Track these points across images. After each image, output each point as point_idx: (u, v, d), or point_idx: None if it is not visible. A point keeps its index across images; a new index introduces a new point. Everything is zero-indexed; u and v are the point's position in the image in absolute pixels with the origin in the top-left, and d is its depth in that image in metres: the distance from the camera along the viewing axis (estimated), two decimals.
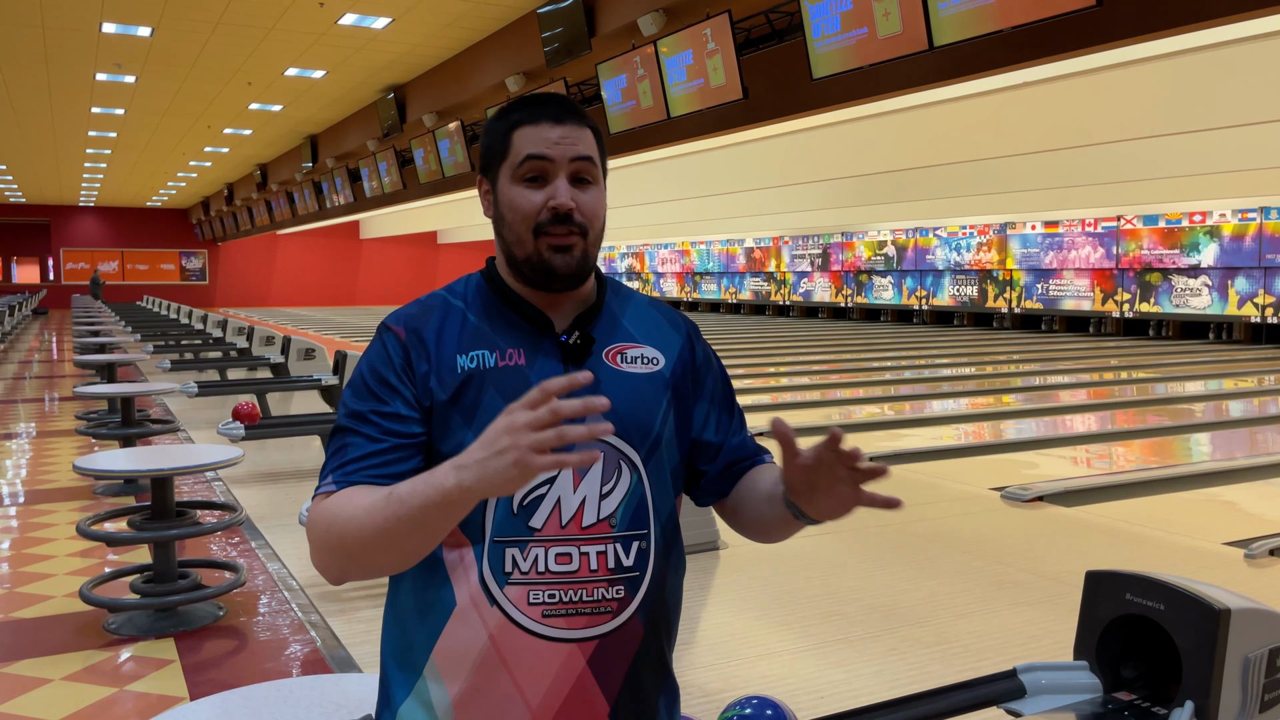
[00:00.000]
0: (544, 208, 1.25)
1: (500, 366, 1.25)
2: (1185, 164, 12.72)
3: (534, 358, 1.26)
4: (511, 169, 1.28)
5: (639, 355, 1.32)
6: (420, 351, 1.26)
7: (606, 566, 1.24)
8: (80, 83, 14.59)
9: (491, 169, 1.31)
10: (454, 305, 1.31)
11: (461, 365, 1.25)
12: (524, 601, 1.21)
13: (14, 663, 3.45)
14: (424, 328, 1.28)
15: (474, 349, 1.26)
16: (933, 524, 5.23)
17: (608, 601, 1.24)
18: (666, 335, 1.36)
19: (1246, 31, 8.04)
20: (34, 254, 37.57)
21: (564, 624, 1.22)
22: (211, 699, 1.86)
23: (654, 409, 1.30)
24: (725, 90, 8.24)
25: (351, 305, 38.16)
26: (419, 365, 1.25)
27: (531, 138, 1.27)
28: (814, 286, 27.54)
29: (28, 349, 18.01)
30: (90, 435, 7.14)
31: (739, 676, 3.27)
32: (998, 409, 10.21)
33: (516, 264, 1.29)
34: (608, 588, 1.24)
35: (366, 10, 10.89)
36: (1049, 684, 1.90)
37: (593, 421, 1.09)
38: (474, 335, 1.27)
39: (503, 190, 1.29)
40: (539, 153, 1.26)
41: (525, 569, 1.22)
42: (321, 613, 3.88)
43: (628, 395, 1.28)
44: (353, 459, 1.22)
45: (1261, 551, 4.62)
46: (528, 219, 1.26)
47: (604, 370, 1.28)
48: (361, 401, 1.25)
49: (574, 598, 1.23)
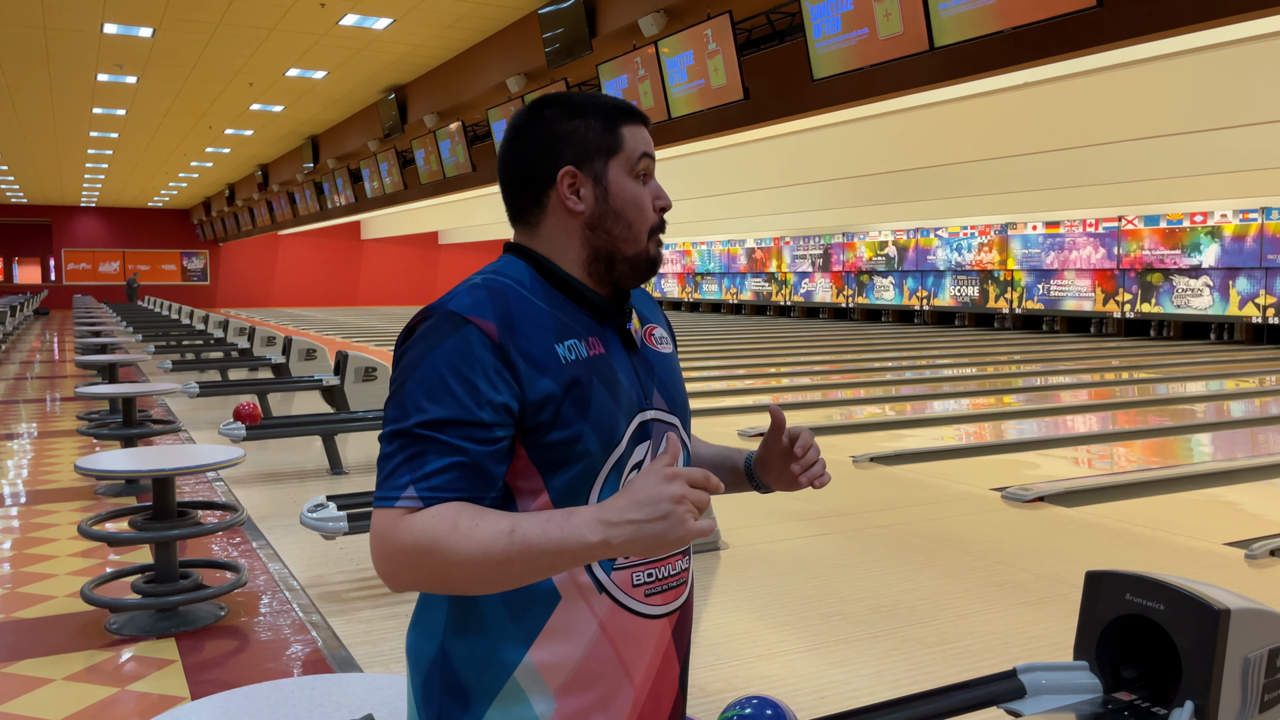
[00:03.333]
0: (653, 208, 1.31)
1: (592, 356, 1.24)
2: (1186, 164, 12.71)
3: (608, 346, 1.28)
4: (629, 164, 1.28)
5: (662, 336, 1.39)
6: (516, 346, 1.18)
7: None
8: (82, 83, 14.60)
9: (590, 162, 1.27)
10: (522, 292, 1.24)
11: (562, 356, 1.21)
12: (629, 584, 1.24)
13: (15, 663, 3.46)
14: (511, 316, 1.19)
15: (567, 338, 1.23)
16: (933, 524, 5.23)
17: (683, 573, 1.32)
18: (660, 316, 1.45)
19: (1247, 31, 8.04)
20: (35, 254, 37.58)
21: (661, 600, 1.28)
22: (212, 699, 1.86)
23: (683, 385, 1.40)
24: (726, 91, 8.24)
25: (352, 305, 38.18)
26: (518, 362, 1.17)
27: (640, 137, 1.30)
28: (815, 287, 27.53)
29: (29, 349, 18.02)
30: (92, 435, 7.14)
31: (739, 676, 3.27)
32: (999, 409, 10.20)
33: (615, 259, 1.28)
34: (681, 559, 1.31)
35: (368, 11, 10.90)
36: (1049, 684, 1.90)
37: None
38: (558, 324, 1.23)
39: (618, 184, 1.28)
40: (651, 153, 1.31)
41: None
42: (322, 613, 3.89)
43: (670, 375, 1.36)
44: (436, 470, 1.13)
45: (1262, 552, 4.62)
46: (648, 219, 1.30)
47: (651, 354, 1.34)
48: (441, 406, 1.14)
49: (665, 574, 1.28)
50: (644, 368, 1.31)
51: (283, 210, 23.73)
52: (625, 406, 1.25)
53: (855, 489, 6.04)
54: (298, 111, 16.81)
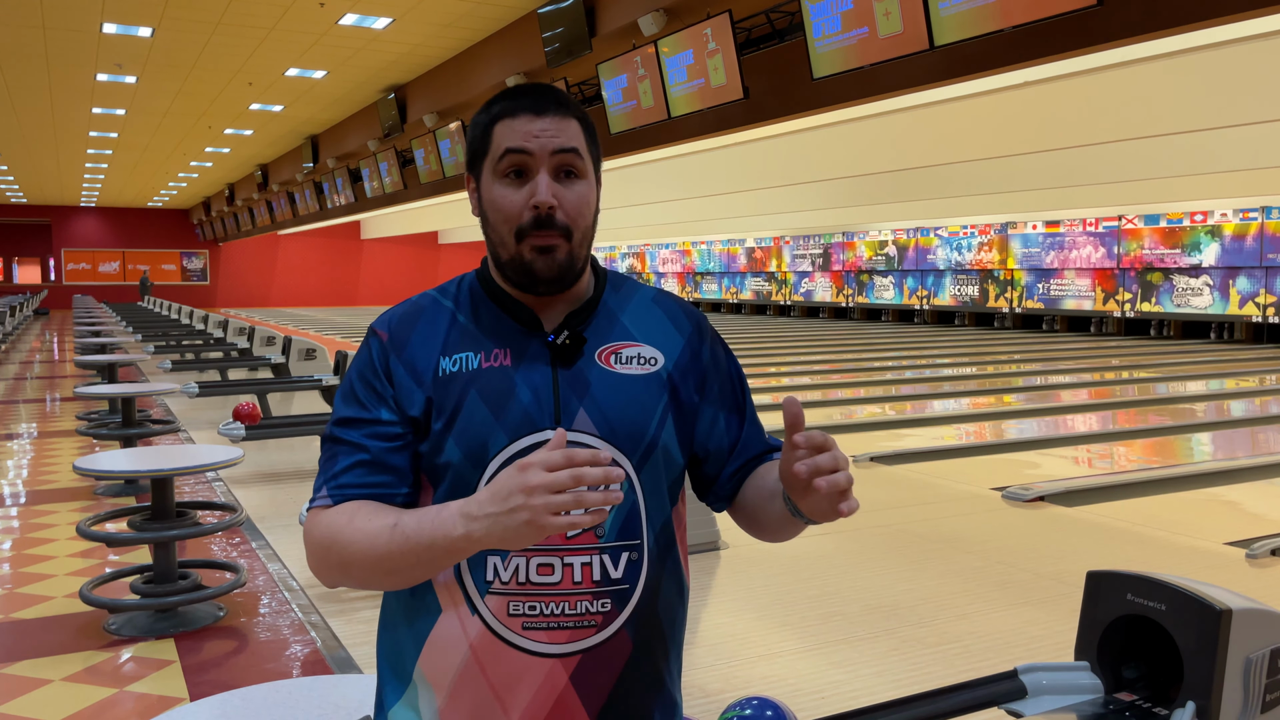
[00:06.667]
0: (525, 207, 1.19)
1: (484, 368, 1.20)
2: (1186, 163, 12.71)
3: (520, 358, 1.21)
4: (492, 164, 1.21)
5: (635, 355, 1.24)
6: (400, 355, 1.22)
7: (592, 579, 1.18)
8: (81, 83, 14.59)
9: (475, 165, 1.25)
10: (443, 305, 1.27)
11: (444, 368, 1.21)
12: (504, 612, 1.17)
13: (14, 663, 3.45)
14: (408, 330, 1.24)
15: (459, 351, 1.22)
16: (933, 524, 5.22)
17: (591, 615, 1.18)
18: (668, 334, 1.28)
19: (1247, 31, 8.03)
20: (35, 254, 37.60)
21: (545, 637, 1.17)
22: (211, 700, 1.86)
23: (649, 412, 1.23)
24: (726, 90, 8.23)
25: (352, 305, 38.17)
26: (395, 370, 1.22)
27: (511, 130, 1.20)
28: (815, 286, 27.53)
29: (29, 349, 18.01)
30: (91, 435, 7.14)
31: (739, 677, 3.26)
32: (999, 409, 10.20)
33: (501, 265, 1.24)
34: (592, 600, 1.18)
35: (367, 10, 10.89)
36: (1050, 684, 1.89)
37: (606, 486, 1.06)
38: (460, 336, 1.23)
39: (485, 188, 1.23)
40: (518, 146, 1.19)
41: (506, 578, 1.17)
42: (322, 613, 3.88)
43: (620, 398, 1.21)
44: (343, 469, 1.20)
45: (1263, 551, 4.61)
46: (509, 220, 1.20)
47: (595, 371, 1.22)
48: (348, 408, 1.23)
49: (555, 610, 1.17)
50: (573, 386, 1.20)
51: (282, 210, 23.73)
52: (511, 422, 1.18)
53: (855, 489, 6.00)
54: (297, 111, 16.81)
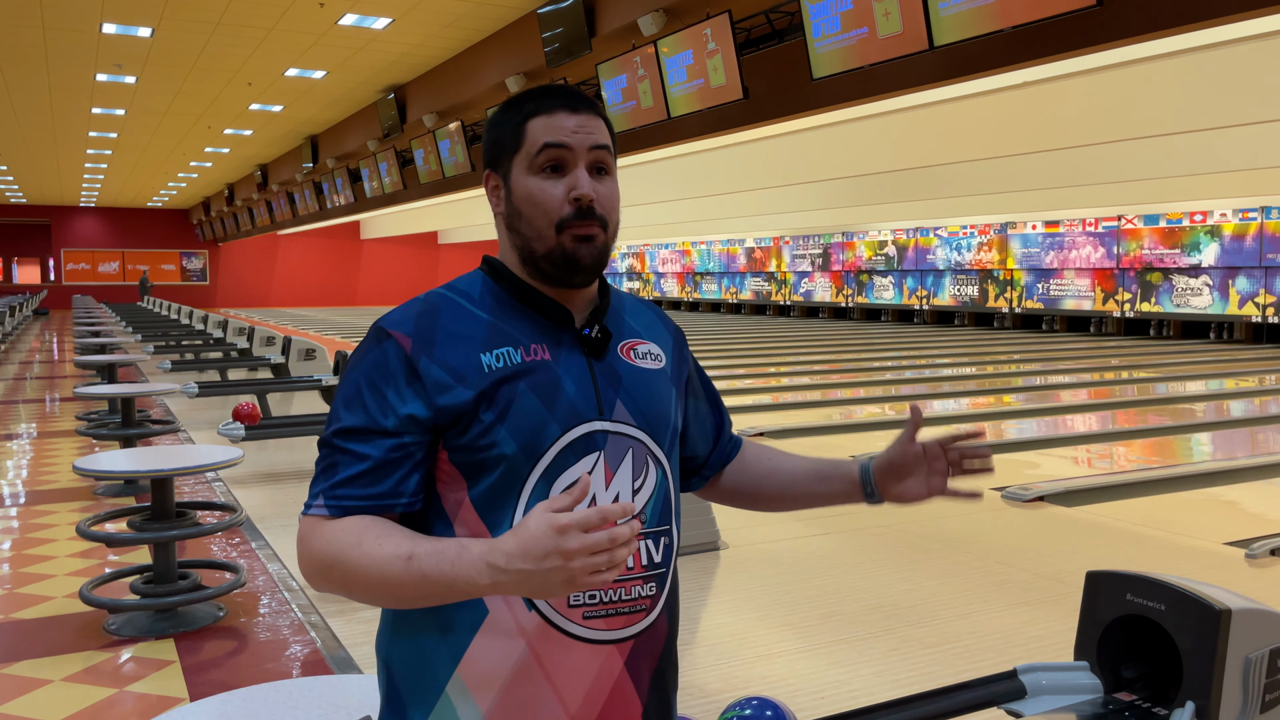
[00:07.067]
0: (565, 200, 1.21)
1: (527, 361, 1.20)
2: (1186, 164, 12.71)
3: (558, 352, 1.23)
4: (528, 159, 1.23)
5: (648, 351, 1.31)
6: (431, 354, 1.18)
7: (641, 564, 1.23)
8: (81, 83, 14.59)
9: (501, 162, 1.26)
10: (461, 303, 1.24)
11: (487, 364, 1.19)
12: (564, 603, 1.18)
13: (14, 663, 3.45)
14: (432, 328, 1.21)
15: (498, 346, 1.21)
16: (933, 524, 5.22)
17: (643, 599, 1.23)
18: (661, 333, 1.37)
19: (1247, 31, 8.04)
20: (34, 254, 37.59)
21: (604, 625, 1.20)
22: (211, 700, 1.86)
23: (669, 403, 1.31)
24: (725, 90, 8.23)
25: (352, 305, 38.16)
26: (428, 372, 1.18)
27: (548, 126, 1.22)
28: (815, 286, 27.53)
29: (28, 349, 18.01)
30: (91, 436, 7.14)
31: (739, 677, 3.26)
32: (998, 409, 10.20)
33: (534, 259, 1.23)
34: (642, 585, 1.23)
35: (367, 10, 10.89)
36: (1049, 684, 1.89)
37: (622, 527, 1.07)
38: (494, 332, 1.22)
39: (518, 183, 1.24)
40: (558, 141, 1.22)
41: None
42: (322, 614, 3.88)
43: (648, 390, 1.28)
44: (344, 480, 1.16)
45: (1262, 551, 4.61)
46: (550, 213, 1.21)
47: (622, 366, 1.27)
48: (351, 415, 1.18)
49: (613, 597, 1.21)
50: (607, 378, 1.24)
51: (282, 210, 23.73)
52: (562, 414, 1.20)
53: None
54: (297, 111, 16.81)
